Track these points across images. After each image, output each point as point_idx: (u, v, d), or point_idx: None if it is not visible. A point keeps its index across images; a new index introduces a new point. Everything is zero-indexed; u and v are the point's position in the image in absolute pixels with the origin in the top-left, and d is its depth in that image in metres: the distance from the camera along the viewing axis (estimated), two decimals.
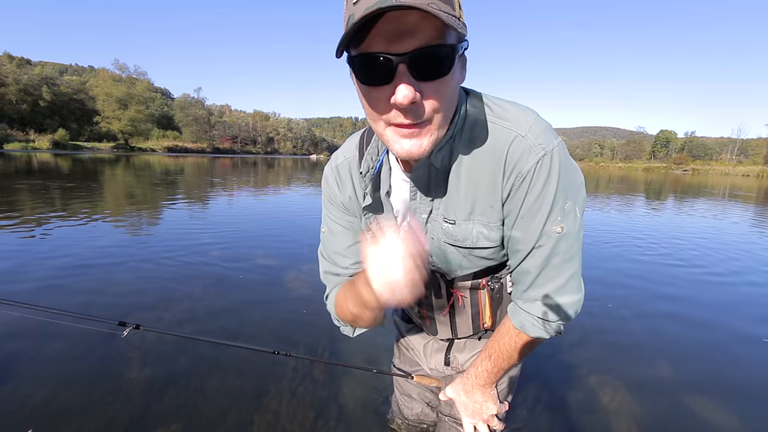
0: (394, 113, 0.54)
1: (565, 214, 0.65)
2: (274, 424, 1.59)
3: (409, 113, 0.53)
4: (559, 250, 0.67)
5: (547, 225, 0.66)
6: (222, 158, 45.29)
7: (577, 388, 1.93)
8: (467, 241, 0.73)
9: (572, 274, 0.70)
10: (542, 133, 0.63)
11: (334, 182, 0.84)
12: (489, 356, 0.83)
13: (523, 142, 0.63)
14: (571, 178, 0.66)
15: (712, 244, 5.38)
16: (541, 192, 0.64)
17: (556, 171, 0.63)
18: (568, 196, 0.65)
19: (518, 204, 0.66)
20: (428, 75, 0.52)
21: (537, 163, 0.62)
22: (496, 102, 0.68)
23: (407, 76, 0.51)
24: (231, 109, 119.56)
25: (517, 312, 0.76)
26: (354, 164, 0.81)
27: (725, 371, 2.12)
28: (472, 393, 0.88)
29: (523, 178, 0.64)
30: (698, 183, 25.50)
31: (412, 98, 0.51)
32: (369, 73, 0.52)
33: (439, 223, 0.74)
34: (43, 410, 1.60)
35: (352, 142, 0.83)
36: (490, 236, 0.72)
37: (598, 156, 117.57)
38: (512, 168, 0.64)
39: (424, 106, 0.54)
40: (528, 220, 0.66)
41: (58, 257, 3.62)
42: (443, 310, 0.92)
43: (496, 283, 0.85)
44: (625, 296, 3.16)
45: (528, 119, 0.64)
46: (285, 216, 6.65)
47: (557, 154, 0.63)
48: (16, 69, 59.88)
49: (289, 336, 2.31)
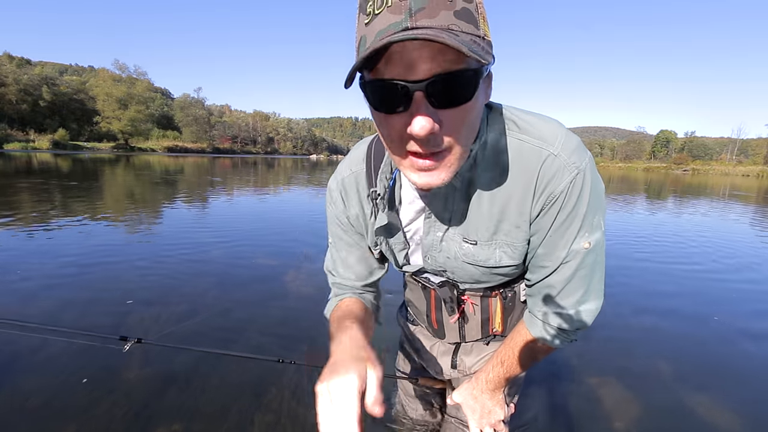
0: (411, 142, 0.50)
1: (594, 228, 0.64)
2: (274, 425, 1.58)
3: (427, 143, 0.49)
4: (585, 264, 0.66)
5: (576, 242, 0.64)
6: (222, 158, 45.32)
7: (577, 387, 1.93)
8: (490, 261, 0.70)
9: (595, 282, 0.68)
10: (575, 151, 0.60)
11: (339, 198, 0.80)
12: (502, 362, 0.81)
13: (556, 161, 0.60)
14: (599, 192, 0.63)
15: (711, 241, 5.37)
16: (573, 210, 0.62)
17: (588, 188, 0.61)
18: (597, 211, 0.63)
19: (548, 223, 0.64)
20: (448, 103, 0.47)
21: (571, 182, 0.60)
22: (520, 116, 0.63)
23: (425, 105, 0.46)
24: (231, 109, 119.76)
25: (534, 322, 0.74)
26: (361, 179, 0.76)
27: (725, 370, 2.11)
28: (481, 397, 0.87)
29: (555, 198, 0.61)
30: (698, 183, 25.54)
31: (430, 129, 0.46)
32: (383, 100, 0.48)
33: (458, 243, 0.71)
34: (42, 410, 1.59)
35: (359, 153, 0.77)
36: (513, 255, 0.69)
37: (598, 156, 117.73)
38: (544, 188, 0.61)
39: (443, 135, 0.49)
40: (557, 238, 0.64)
41: (56, 258, 3.62)
42: (453, 317, 0.91)
43: (509, 292, 0.84)
44: (624, 294, 3.16)
45: (558, 136, 0.61)
46: (285, 216, 6.64)
47: (589, 171, 0.61)
48: (16, 69, 60.02)
49: (291, 340, 2.29)
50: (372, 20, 0.44)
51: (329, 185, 0.81)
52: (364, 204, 0.78)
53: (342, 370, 0.49)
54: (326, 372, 0.51)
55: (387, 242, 0.79)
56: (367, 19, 0.45)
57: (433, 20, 0.42)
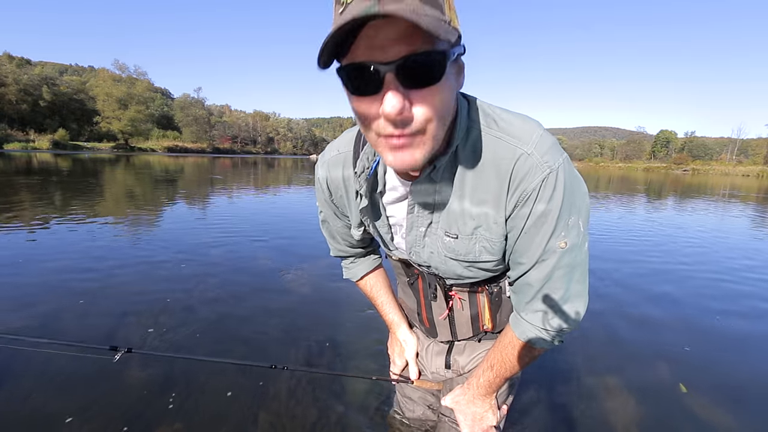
0: (384, 124, 0.52)
1: (569, 228, 0.65)
2: (274, 425, 1.59)
3: (399, 124, 0.51)
4: (563, 264, 0.67)
5: (551, 241, 0.65)
6: (222, 158, 45.29)
7: (574, 388, 1.93)
8: (469, 255, 0.73)
9: (575, 284, 0.69)
10: (548, 151, 0.62)
11: (324, 176, 0.83)
12: (491, 366, 0.82)
13: (528, 159, 0.62)
14: (575, 193, 0.65)
15: (711, 241, 5.37)
16: (545, 209, 0.63)
17: (561, 188, 0.62)
18: (572, 211, 0.65)
19: (522, 220, 0.65)
20: (417, 83, 0.49)
21: (542, 181, 0.62)
22: (500, 114, 0.66)
23: (395, 85, 0.49)
24: (231, 109, 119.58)
25: (519, 322, 0.75)
26: (348, 160, 0.78)
27: (726, 370, 2.12)
28: (473, 403, 0.88)
29: (528, 195, 0.63)
30: (698, 183, 25.51)
31: (400, 108, 0.49)
32: (357, 83, 0.51)
33: (440, 237, 0.74)
34: (42, 411, 1.59)
35: (349, 136, 0.79)
36: (492, 251, 0.71)
37: (598, 156, 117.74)
38: (517, 185, 0.63)
39: (414, 115, 0.51)
40: (531, 236, 0.66)
41: (53, 260, 3.62)
42: (443, 314, 0.92)
43: (494, 287, 0.85)
44: (624, 294, 3.15)
45: (534, 135, 0.63)
46: (285, 216, 6.64)
47: (562, 171, 0.62)
48: (16, 69, 59.88)
49: (288, 344, 2.27)
50: (345, 9, 0.47)
51: (318, 162, 0.85)
52: (348, 185, 0.80)
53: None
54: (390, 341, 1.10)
55: (374, 225, 0.82)
56: (341, 9, 0.48)
57: (399, 5, 0.44)
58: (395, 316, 1.08)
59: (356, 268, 1.04)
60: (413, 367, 1.06)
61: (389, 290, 1.08)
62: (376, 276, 1.07)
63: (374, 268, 1.06)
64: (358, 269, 1.04)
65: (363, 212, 0.79)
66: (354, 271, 1.05)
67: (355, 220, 0.85)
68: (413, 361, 1.06)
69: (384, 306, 1.07)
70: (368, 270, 1.05)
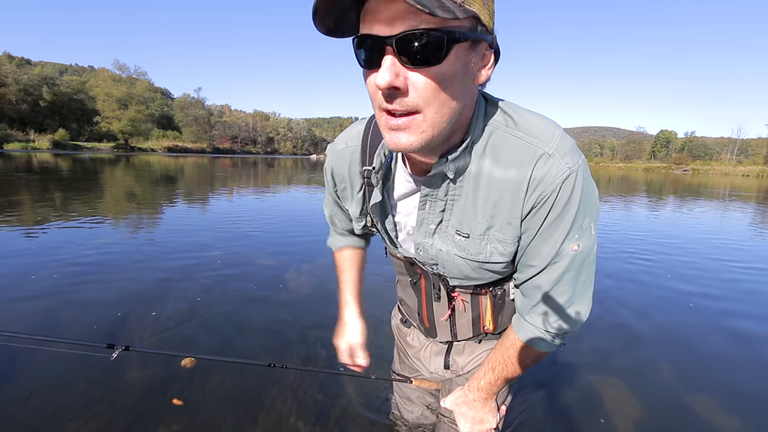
0: (380, 97, 0.52)
1: (583, 231, 0.64)
2: (274, 423, 1.58)
3: (394, 100, 0.51)
4: (574, 266, 0.66)
5: (565, 243, 0.64)
6: (222, 158, 45.28)
7: (577, 387, 1.93)
8: (480, 255, 0.71)
9: (582, 287, 0.68)
10: (568, 152, 0.61)
11: (330, 167, 0.85)
12: (492, 369, 0.81)
13: (549, 160, 0.60)
14: (590, 196, 0.64)
15: (712, 240, 5.37)
16: (563, 211, 0.62)
17: (579, 190, 0.62)
18: (587, 214, 0.64)
19: (538, 222, 0.64)
20: (414, 61, 0.48)
21: (563, 182, 0.61)
22: (520, 113, 0.64)
23: (392, 60, 0.49)
24: (231, 109, 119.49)
25: (522, 325, 0.74)
26: (356, 155, 0.78)
27: (726, 370, 2.11)
28: (473, 405, 0.88)
29: (546, 197, 0.62)
30: (698, 183, 25.53)
31: (390, 82, 0.49)
32: (362, 55, 0.52)
33: (451, 235, 0.72)
34: (42, 411, 1.59)
35: (358, 129, 0.79)
36: (504, 252, 0.70)
37: (598, 156, 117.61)
38: (536, 186, 0.62)
39: (410, 94, 0.51)
40: (545, 238, 0.65)
41: (52, 259, 3.61)
42: (444, 315, 0.92)
43: (498, 290, 0.84)
44: (625, 294, 3.15)
45: (555, 136, 0.62)
46: (285, 215, 6.64)
47: (581, 173, 0.62)
48: (16, 69, 59.81)
49: (287, 343, 2.27)
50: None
51: (327, 152, 0.87)
52: (354, 179, 0.81)
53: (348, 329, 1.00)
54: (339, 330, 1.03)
55: (381, 222, 0.81)
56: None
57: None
58: (351, 297, 1.05)
59: (343, 239, 1.04)
60: (361, 352, 1.03)
61: (358, 273, 1.07)
62: (354, 255, 1.05)
63: (357, 248, 1.06)
64: (343, 240, 1.04)
65: (374, 208, 0.79)
66: (338, 241, 1.05)
67: (355, 214, 0.85)
68: (359, 347, 1.03)
69: (345, 284, 1.06)
70: (350, 245, 1.04)
